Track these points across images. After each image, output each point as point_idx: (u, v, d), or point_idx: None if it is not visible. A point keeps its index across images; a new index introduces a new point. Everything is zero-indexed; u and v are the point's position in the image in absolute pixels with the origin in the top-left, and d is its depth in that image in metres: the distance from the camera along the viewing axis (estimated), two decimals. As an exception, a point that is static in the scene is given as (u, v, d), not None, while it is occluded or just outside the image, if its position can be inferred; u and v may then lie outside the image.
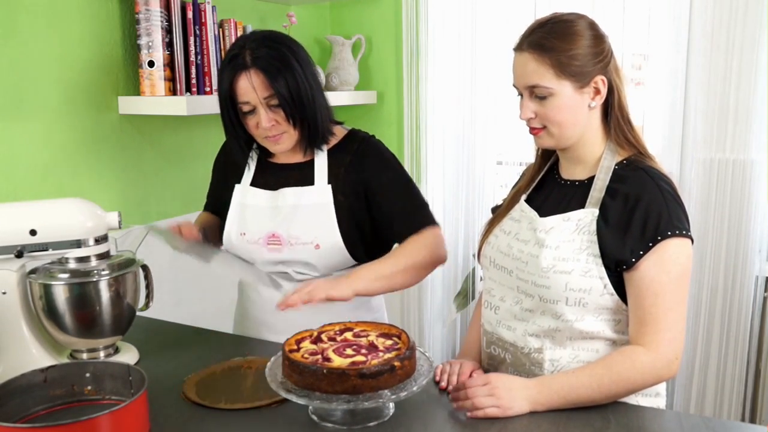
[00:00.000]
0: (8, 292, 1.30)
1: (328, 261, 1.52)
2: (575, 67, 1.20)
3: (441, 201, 2.81)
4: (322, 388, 1.10)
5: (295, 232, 1.51)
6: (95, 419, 0.98)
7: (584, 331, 1.23)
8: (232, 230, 1.58)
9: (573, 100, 1.22)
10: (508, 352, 1.31)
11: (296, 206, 1.52)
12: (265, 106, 1.43)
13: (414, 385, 1.13)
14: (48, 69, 1.80)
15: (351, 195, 1.52)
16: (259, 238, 1.54)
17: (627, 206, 1.20)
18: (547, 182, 1.37)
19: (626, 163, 1.26)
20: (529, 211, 1.32)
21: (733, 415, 2.37)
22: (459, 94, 2.70)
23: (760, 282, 2.32)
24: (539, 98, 1.23)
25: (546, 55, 1.20)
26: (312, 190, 1.52)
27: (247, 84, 1.42)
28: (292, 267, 1.55)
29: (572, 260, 1.21)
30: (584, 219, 1.23)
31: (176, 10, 1.95)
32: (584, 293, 1.20)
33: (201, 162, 2.28)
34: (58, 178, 1.85)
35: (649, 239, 1.17)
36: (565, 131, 1.24)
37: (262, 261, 1.56)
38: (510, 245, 1.31)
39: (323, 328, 1.28)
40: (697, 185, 2.33)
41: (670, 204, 1.19)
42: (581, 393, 1.18)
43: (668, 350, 1.17)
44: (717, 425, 1.16)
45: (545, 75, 1.20)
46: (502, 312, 1.31)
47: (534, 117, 1.25)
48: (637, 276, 1.18)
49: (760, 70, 2.17)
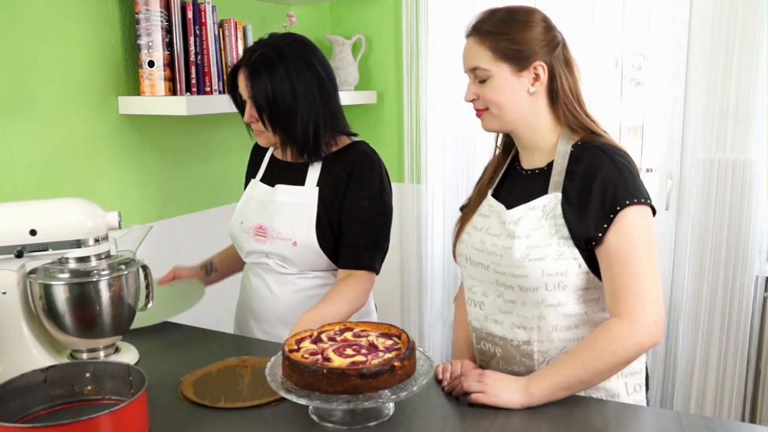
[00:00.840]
0: (8, 292, 1.30)
1: (304, 258, 1.57)
2: (512, 51, 1.26)
3: (441, 201, 2.82)
4: (322, 388, 1.10)
5: (278, 227, 1.58)
6: (95, 419, 0.98)
7: (568, 314, 1.25)
8: (236, 218, 1.69)
9: (511, 83, 1.27)
10: (497, 346, 1.33)
11: (284, 203, 1.59)
12: (249, 103, 1.53)
13: (414, 385, 1.13)
14: (48, 69, 1.80)
15: (331, 202, 1.56)
16: (250, 228, 1.63)
17: (585, 184, 1.23)
18: (510, 175, 1.40)
19: (581, 144, 1.29)
20: (497, 205, 1.35)
21: (733, 415, 2.37)
22: (459, 94, 2.68)
23: (760, 282, 2.32)
24: (481, 81, 1.29)
25: (486, 39, 1.27)
26: (300, 191, 1.59)
27: (242, 83, 1.54)
28: (272, 259, 1.61)
29: (544, 246, 1.23)
30: (549, 204, 1.26)
31: (176, 10, 1.95)
32: (561, 276, 1.23)
33: (201, 162, 2.28)
34: (58, 178, 1.85)
35: (609, 211, 1.20)
36: (505, 113, 1.29)
37: (250, 249, 1.64)
38: (483, 241, 1.33)
39: (323, 328, 1.28)
40: (697, 185, 2.33)
41: (626, 174, 1.22)
42: (568, 374, 1.19)
43: (643, 315, 1.18)
44: (717, 425, 1.16)
45: (483, 57, 1.27)
46: (488, 307, 1.33)
47: (477, 99, 1.31)
48: (603, 249, 1.21)
49: (760, 70, 2.17)
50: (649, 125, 2.48)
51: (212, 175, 2.35)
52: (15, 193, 1.73)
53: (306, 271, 1.60)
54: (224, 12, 2.21)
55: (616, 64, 2.50)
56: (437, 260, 2.85)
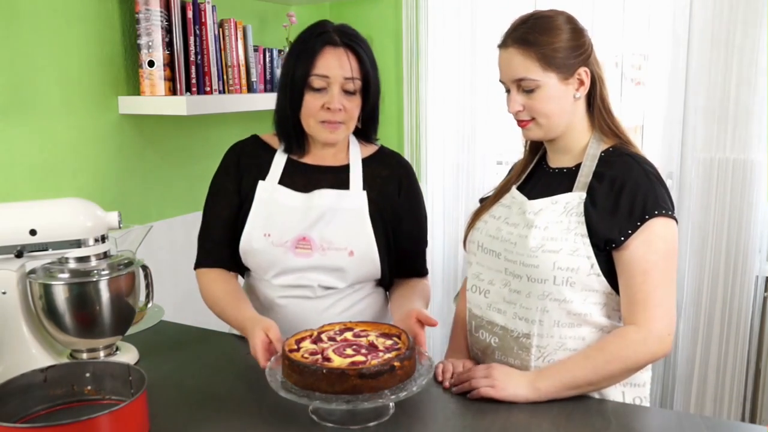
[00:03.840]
0: (8, 292, 1.30)
1: (360, 270, 1.46)
2: (559, 60, 1.25)
3: (441, 201, 2.82)
4: (322, 388, 1.09)
5: (329, 236, 1.42)
6: (95, 419, 0.98)
7: (572, 312, 1.25)
8: (254, 230, 1.45)
9: (559, 91, 1.27)
10: (495, 336, 1.33)
11: (332, 209, 1.44)
12: (340, 89, 1.40)
13: (414, 385, 1.13)
14: (48, 69, 1.80)
15: (382, 206, 1.49)
16: (287, 241, 1.43)
17: (614, 189, 1.24)
18: (536, 173, 1.42)
19: (611, 150, 1.30)
20: (520, 197, 1.36)
21: (733, 415, 2.37)
22: (459, 93, 2.70)
23: (760, 282, 2.32)
24: (526, 91, 1.27)
25: (531, 49, 1.25)
26: (348, 194, 1.47)
27: (334, 60, 1.39)
28: (319, 274, 1.44)
29: (560, 240, 1.24)
30: (572, 201, 1.27)
31: (176, 10, 1.95)
32: (572, 272, 1.23)
33: (201, 162, 2.28)
34: (58, 178, 1.85)
35: (637, 219, 1.21)
36: (552, 122, 1.29)
37: (286, 267, 1.44)
38: (499, 228, 1.34)
39: (323, 328, 1.28)
40: (697, 185, 2.33)
41: (656, 186, 1.24)
42: (578, 375, 1.20)
43: (659, 326, 1.20)
44: (717, 425, 1.16)
45: (531, 68, 1.25)
46: (492, 295, 1.33)
47: (522, 110, 1.29)
48: (626, 255, 1.22)
49: (760, 70, 2.17)
50: (649, 125, 2.48)
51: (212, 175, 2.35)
52: (15, 193, 1.73)
53: (355, 285, 1.49)
54: (224, 12, 2.21)
55: (616, 64, 2.50)
56: (437, 260, 2.85)
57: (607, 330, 1.27)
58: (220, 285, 1.48)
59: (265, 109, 2.20)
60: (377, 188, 1.50)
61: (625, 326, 1.23)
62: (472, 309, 1.39)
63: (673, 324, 1.22)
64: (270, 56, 2.39)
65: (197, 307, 1.68)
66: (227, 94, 2.17)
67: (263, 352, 1.23)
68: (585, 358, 1.22)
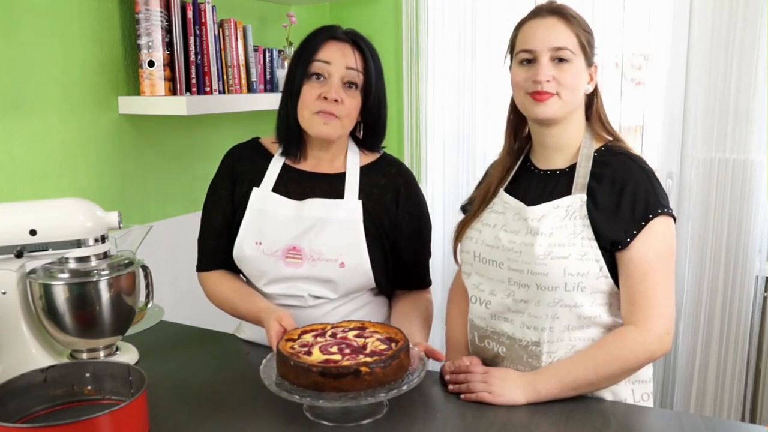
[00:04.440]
0: (8, 292, 1.30)
1: (351, 282, 1.43)
2: (587, 45, 1.28)
3: (441, 201, 2.81)
4: (290, 378, 1.13)
5: (319, 247, 1.39)
6: (95, 419, 0.98)
7: (582, 316, 1.24)
8: (246, 238, 1.43)
9: (581, 75, 1.28)
10: (503, 345, 1.31)
11: (323, 219, 1.41)
12: (340, 80, 1.40)
13: (403, 384, 1.13)
14: (48, 69, 1.80)
15: (379, 217, 1.45)
16: (277, 250, 1.41)
17: (615, 189, 1.24)
18: (522, 174, 1.38)
19: (605, 150, 1.30)
20: (514, 202, 1.32)
21: (733, 415, 2.37)
22: (459, 94, 2.70)
23: (760, 282, 2.32)
24: (558, 61, 1.25)
25: (573, 23, 1.26)
26: (341, 204, 1.42)
27: (337, 49, 1.41)
28: (309, 285, 1.42)
29: (568, 245, 1.22)
30: (573, 204, 1.25)
31: (176, 10, 1.95)
32: (582, 277, 1.22)
33: (201, 162, 2.28)
34: (58, 178, 1.85)
35: (640, 219, 1.21)
36: (573, 99, 1.27)
37: (277, 276, 1.43)
38: (498, 237, 1.30)
39: (340, 323, 1.30)
40: (697, 185, 2.33)
41: (655, 184, 1.25)
42: (578, 375, 1.20)
43: (657, 325, 1.20)
44: (717, 425, 1.16)
45: (569, 40, 1.26)
46: (495, 306, 1.31)
47: (551, 81, 1.25)
48: (627, 256, 1.21)
49: (760, 70, 2.17)
50: (649, 125, 2.48)
51: (212, 175, 2.34)
52: (15, 193, 1.73)
53: (347, 296, 1.45)
54: (224, 12, 2.21)
55: (616, 64, 2.50)
56: (437, 261, 2.84)
57: (613, 329, 1.26)
58: (225, 284, 1.50)
59: (265, 110, 2.21)
60: (374, 198, 1.45)
61: (624, 326, 1.23)
62: (474, 320, 1.37)
63: (672, 323, 1.22)
64: (270, 56, 2.39)
65: (197, 307, 1.68)
66: (227, 94, 2.17)
67: (278, 341, 1.24)
68: (585, 359, 1.22)
